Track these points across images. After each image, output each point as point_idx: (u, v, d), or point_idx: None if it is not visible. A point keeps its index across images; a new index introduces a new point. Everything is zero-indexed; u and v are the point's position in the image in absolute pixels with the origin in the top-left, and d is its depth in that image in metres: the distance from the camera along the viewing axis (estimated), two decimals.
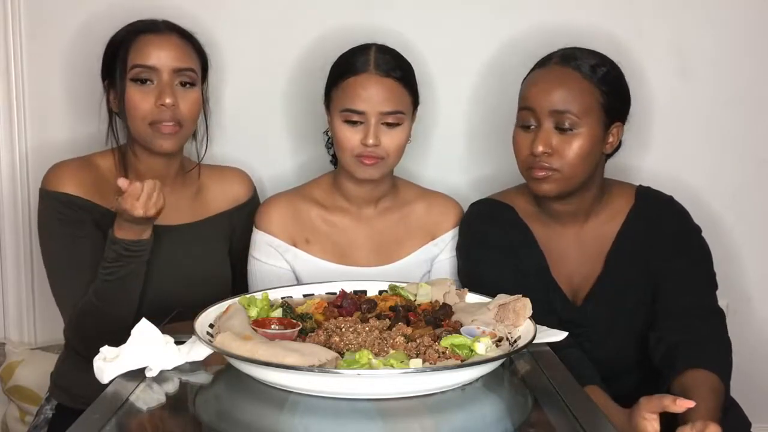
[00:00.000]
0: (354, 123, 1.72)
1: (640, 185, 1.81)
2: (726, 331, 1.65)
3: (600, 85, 1.66)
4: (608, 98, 1.66)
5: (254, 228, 1.84)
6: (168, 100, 1.66)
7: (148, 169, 1.76)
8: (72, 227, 1.68)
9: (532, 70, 1.72)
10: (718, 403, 1.46)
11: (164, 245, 1.75)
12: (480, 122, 2.16)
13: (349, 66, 1.74)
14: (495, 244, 1.74)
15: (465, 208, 1.87)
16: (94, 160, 1.77)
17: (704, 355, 1.55)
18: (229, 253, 1.87)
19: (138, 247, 1.60)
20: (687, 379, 1.51)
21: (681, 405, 1.32)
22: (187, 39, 1.74)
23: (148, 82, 1.67)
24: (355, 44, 1.79)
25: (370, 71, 1.72)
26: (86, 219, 1.69)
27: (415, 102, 1.79)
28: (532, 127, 1.66)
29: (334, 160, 1.88)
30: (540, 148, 1.63)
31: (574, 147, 1.63)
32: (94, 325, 1.64)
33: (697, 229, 1.75)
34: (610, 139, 1.69)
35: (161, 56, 1.68)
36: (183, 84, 1.70)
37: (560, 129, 1.63)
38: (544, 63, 1.71)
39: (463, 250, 1.81)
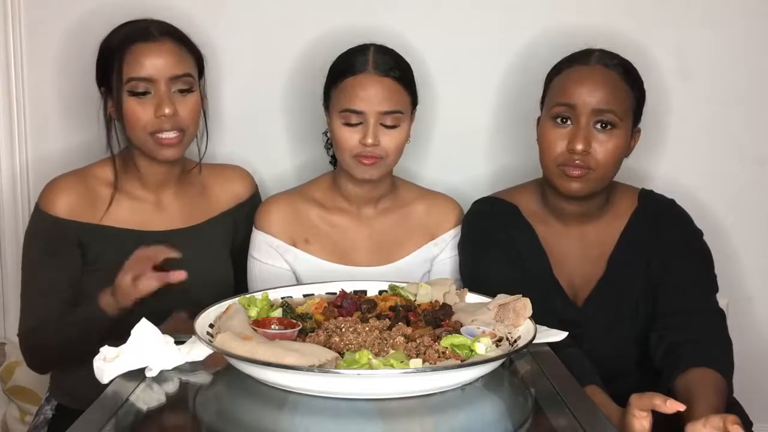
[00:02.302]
0: (353, 123, 1.72)
1: (643, 188, 1.81)
2: (727, 331, 1.65)
3: (633, 89, 1.68)
4: (637, 103, 1.69)
5: (254, 228, 1.84)
6: (167, 111, 1.65)
7: (150, 175, 1.76)
8: (48, 256, 1.71)
9: (568, 66, 1.70)
10: (723, 401, 1.46)
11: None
12: (480, 122, 2.16)
13: (347, 66, 1.74)
14: (497, 243, 1.74)
15: (465, 208, 1.87)
16: (92, 172, 1.77)
17: (707, 354, 1.54)
18: (231, 252, 1.87)
19: (108, 322, 1.61)
20: (690, 377, 1.50)
21: (671, 406, 1.28)
22: (182, 42, 1.71)
23: (146, 93, 1.66)
24: (355, 44, 1.79)
25: (369, 71, 1.72)
26: (66, 247, 1.71)
27: (413, 102, 1.79)
28: (568, 123, 1.66)
29: (334, 161, 1.88)
30: (580, 146, 1.62)
31: (611, 147, 1.64)
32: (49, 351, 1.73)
33: (699, 233, 1.75)
34: (632, 143, 1.71)
35: (157, 66, 1.65)
36: (181, 91, 1.68)
37: (600, 128, 1.64)
38: (582, 60, 1.69)
39: (464, 247, 1.81)
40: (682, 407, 1.28)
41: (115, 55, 1.66)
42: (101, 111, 1.74)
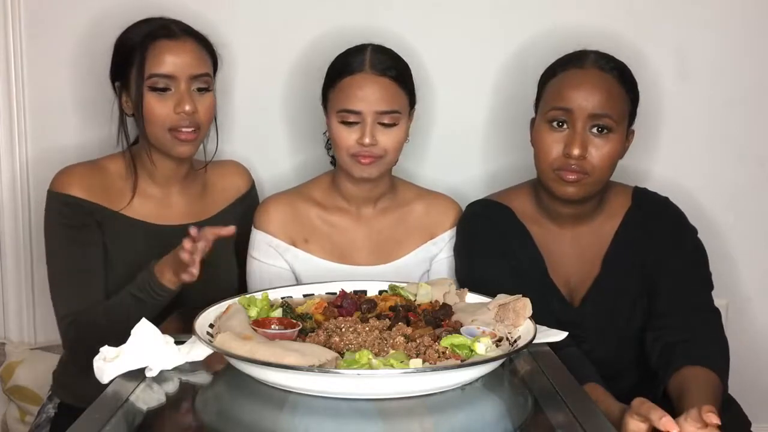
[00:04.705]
0: (350, 123, 1.72)
1: (636, 186, 1.81)
2: (722, 330, 1.65)
3: (629, 91, 1.68)
4: (632, 105, 1.69)
5: (253, 228, 1.84)
6: (188, 108, 1.65)
7: (160, 172, 1.76)
8: (75, 231, 1.68)
9: (562, 69, 1.69)
10: (715, 398, 1.45)
11: (173, 246, 1.75)
12: (478, 122, 2.16)
13: (344, 66, 1.74)
14: (492, 245, 1.74)
15: (464, 208, 1.87)
16: (104, 164, 1.77)
17: (701, 353, 1.54)
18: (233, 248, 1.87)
19: (163, 292, 1.58)
20: (684, 376, 1.50)
21: (664, 424, 1.25)
22: (202, 42, 1.72)
23: (167, 90, 1.66)
24: (354, 44, 1.79)
25: (366, 71, 1.72)
26: (90, 223, 1.69)
27: (411, 101, 1.79)
28: (564, 127, 1.65)
29: (334, 161, 1.88)
30: (577, 152, 1.62)
31: (608, 151, 1.64)
32: (96, 337, 1.66)
33: (693, 230, 1.75)
34: (626, 144, 1.71)
35: (178, 63, 1.66)
36: (199, 89, 1.69)
37: (596, 132, 1.63)
38: (577, 63, 1.68)
39: (460, 250, 1.81)
40: (675, 428, 1.25)
41: (135, 51, 1.66)
42: (115, 106, 1.74)
